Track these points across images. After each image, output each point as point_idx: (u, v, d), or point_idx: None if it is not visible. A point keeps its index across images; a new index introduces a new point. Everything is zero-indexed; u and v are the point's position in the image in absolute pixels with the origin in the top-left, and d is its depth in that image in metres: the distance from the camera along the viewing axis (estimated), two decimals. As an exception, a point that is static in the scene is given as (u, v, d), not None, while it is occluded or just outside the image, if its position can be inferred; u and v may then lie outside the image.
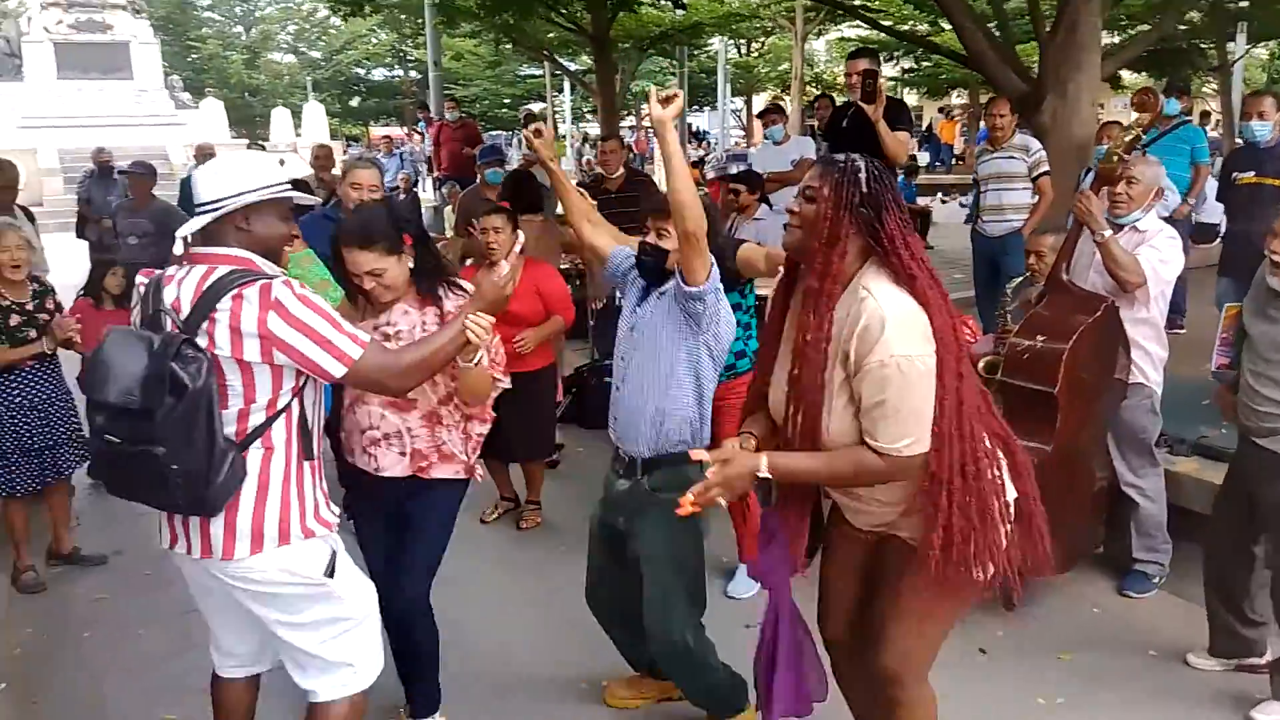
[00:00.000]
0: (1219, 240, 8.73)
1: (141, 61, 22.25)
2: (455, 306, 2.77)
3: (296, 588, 2.32)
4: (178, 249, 2.32)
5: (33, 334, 4.09)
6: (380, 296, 2.75)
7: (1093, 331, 3.54)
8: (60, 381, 4.28)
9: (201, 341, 2.14)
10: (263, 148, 16.15)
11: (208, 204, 2.24)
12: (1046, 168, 6.10)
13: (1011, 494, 2.20)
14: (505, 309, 2.51)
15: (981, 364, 4.11)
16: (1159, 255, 3.64)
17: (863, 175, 2.08)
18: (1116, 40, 15.19)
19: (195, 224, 2.25)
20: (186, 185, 8.74)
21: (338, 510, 2.44)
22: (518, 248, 2.67)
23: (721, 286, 2.71)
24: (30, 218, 6.50)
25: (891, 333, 2.00)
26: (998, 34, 7.02)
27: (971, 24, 6.55)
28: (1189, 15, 14.07)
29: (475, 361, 2.57)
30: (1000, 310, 4.42)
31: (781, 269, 2.41)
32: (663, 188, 3.15)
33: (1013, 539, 2.19)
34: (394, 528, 2.93)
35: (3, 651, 3.64)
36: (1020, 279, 4.48)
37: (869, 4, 13.96)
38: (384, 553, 2.95)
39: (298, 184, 4.07)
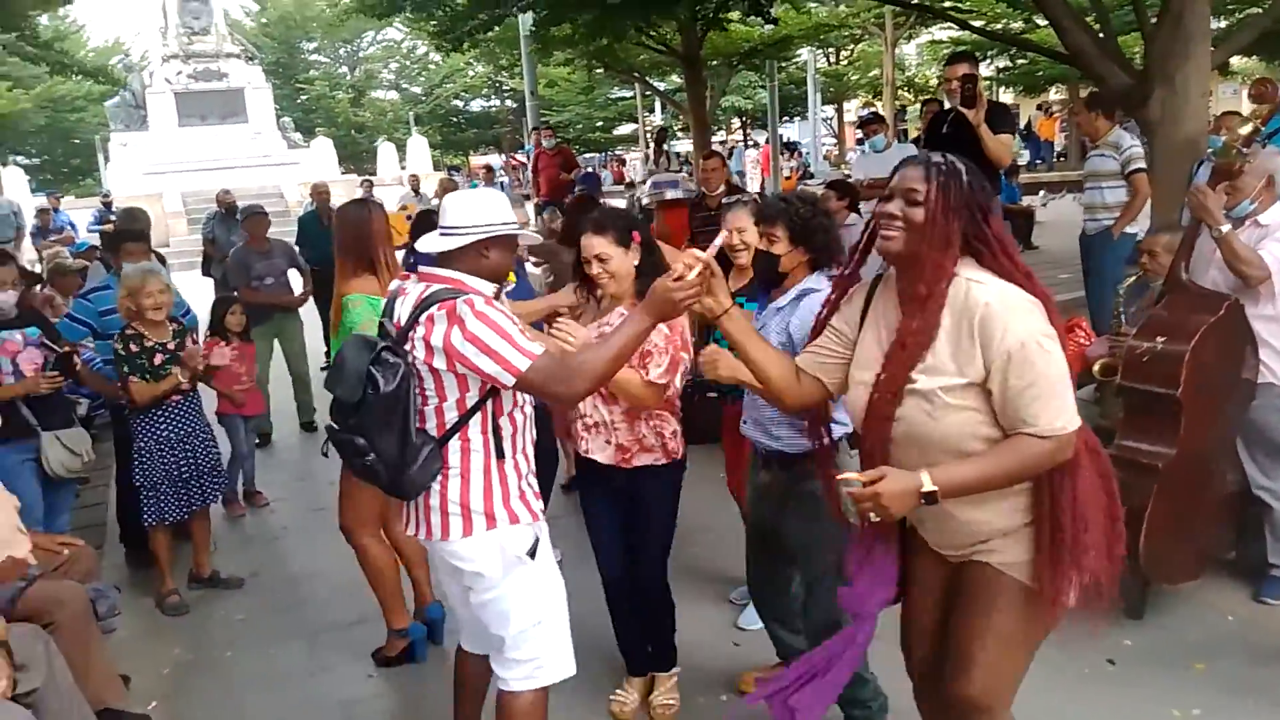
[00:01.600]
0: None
1: (255, 106, 23.43)
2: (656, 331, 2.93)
3: (498, 568, 2.53)
4: (427, 246, 2.58)
5: (176, 370, 4.37)
6: (605, 285, 3.01)
7: (1216, 331, 3.44)
8: (201, 415, 4.57)
9: (411, 349, 2.43)
10: (371, 182, 16.74)
11: (456, 228, 2.52)
12: (1140, 164, 5.98)
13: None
14: (677, 315, 2.41)
15: (1097, 366, 4.02)
16: (1284, 249, 3.52)
17: (965, 176, 2.04)
18: (1224, 25, 14.58)
19: (443, 244, 2.53)
20: (303, 223, 9.07)
21: (543, 506, 2.67)
22: (718, 240, 2.35)
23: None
24: (161, 260, 6.92)
25: (1019, 315, 1.96)
26: (1097, 28, 6.81)
27: (1070, 19, 6.37)
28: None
29: None
30: (1115, 311, 4.32)
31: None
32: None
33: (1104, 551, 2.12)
34: (624, 511, 3.19)
35: (153, 670, 3.86)
36: (1133, 279, 4.37)
37: (960, 4, 13.73)
38: (616, 534, 3.22)
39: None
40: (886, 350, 2.12)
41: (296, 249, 7.55)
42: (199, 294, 7.62)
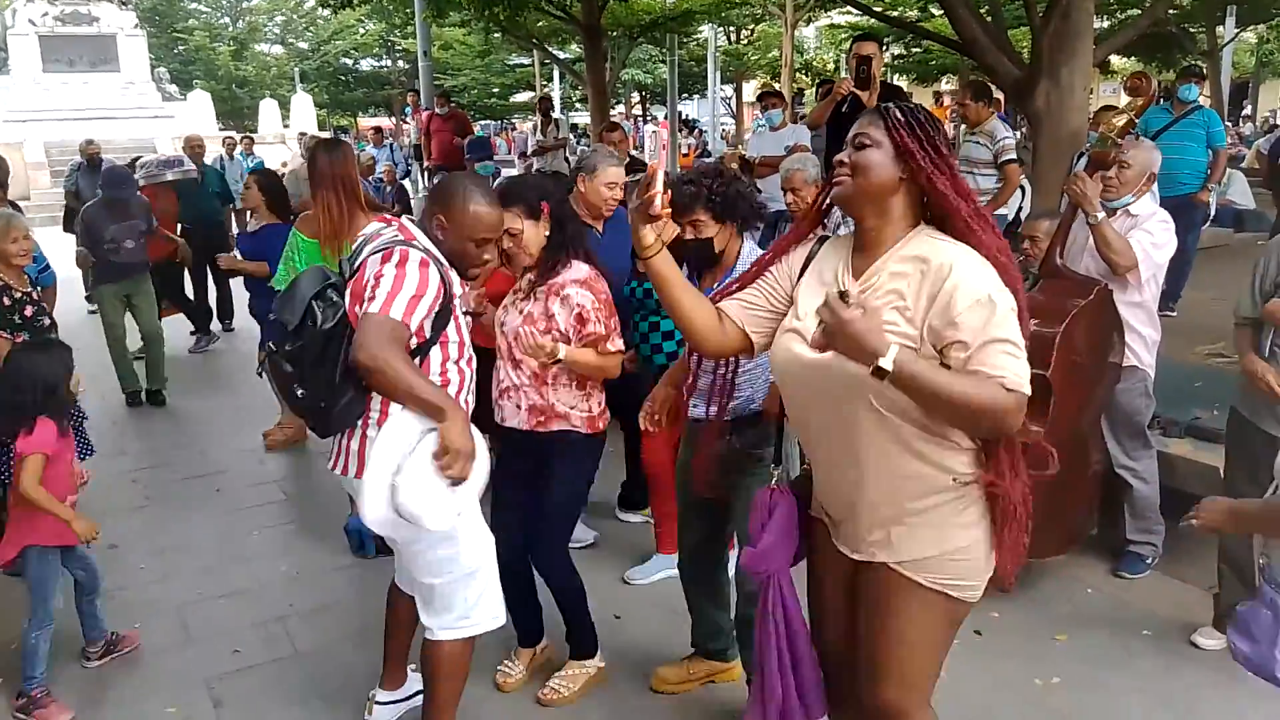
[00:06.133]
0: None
1: (128, 54, 22.09)
2: (579, 296, 2.97)
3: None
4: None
5: (47, 321, 4.16)
6: (516, 259, 2.99)
7: (1086, 315, 3.55)
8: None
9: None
10: (252, 139, 16.04)
11: None
12: (1013, 155, 6.14)
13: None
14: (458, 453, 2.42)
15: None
16: (1151, 239, 3.66)
17: (915, 114, 1.98)
18: (1106, 25, 15.24)
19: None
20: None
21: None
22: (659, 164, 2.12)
23: None
24: (18, 211, 6.46)
25: (976, 271, 1.90)
26: (990, 20, 7.00)
27: (965, 10, 6.54)
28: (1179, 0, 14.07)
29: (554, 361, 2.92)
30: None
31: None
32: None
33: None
34: (529, 484, 3.11)
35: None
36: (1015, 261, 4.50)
37: (859, -10, 13.93)
38: (520, 507, 3.13)
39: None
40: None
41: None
42: (60, 250, 7.18)
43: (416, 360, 2.51)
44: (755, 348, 2.21)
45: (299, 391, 2.47)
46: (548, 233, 2.99)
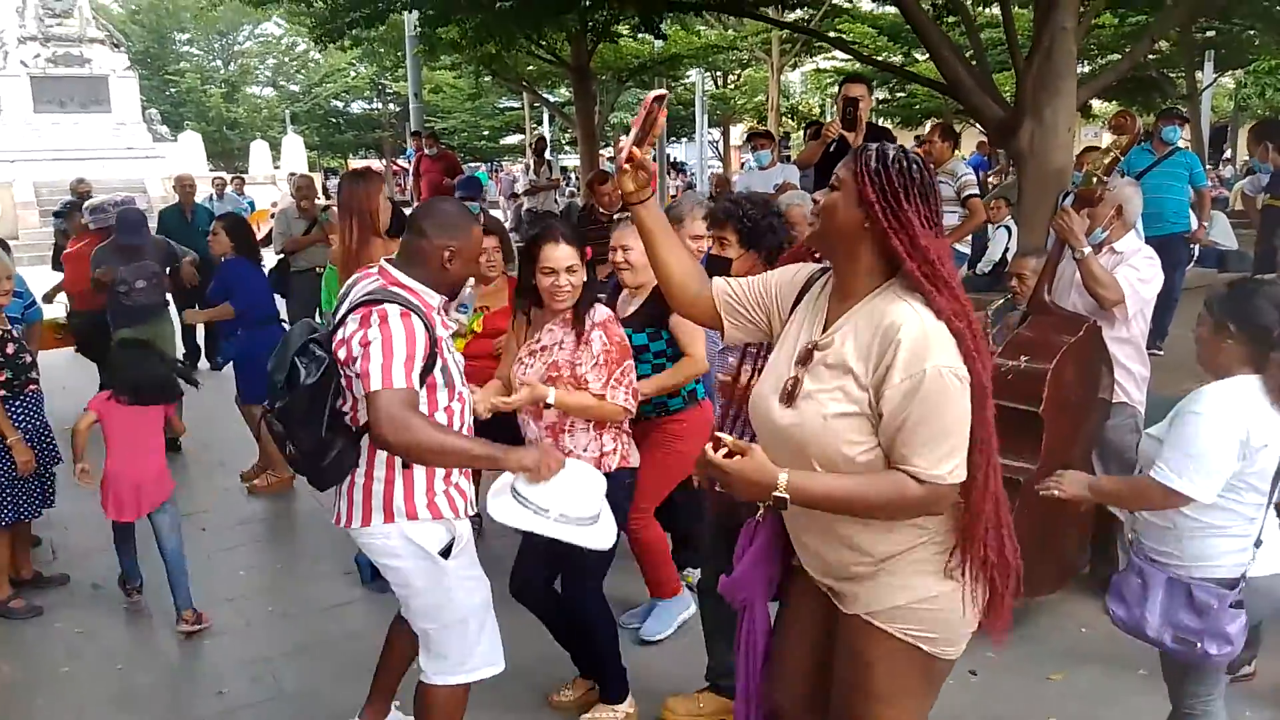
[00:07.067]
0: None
1: (120, 95, 22.24)
2: (601, 339, 2.95)
3: (407, 561, 2.54)
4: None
5: (28, 359, 4.14)
6: (563, 301, 2.95)
7: (1076, 351, 3.57)
8: (41, 414, 4.29)
9: (336, 345, 2.43)
10: (242, 180, 16.11)
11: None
12: (974, 190, 6.40)
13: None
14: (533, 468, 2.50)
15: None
16: (1138, 274, 3.70)
17: (887, 160, 1.86)
18: (1088, 70, 15.51)
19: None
20: (164, 217, 8.65)
21: (467, 503, 2.64)
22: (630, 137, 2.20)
23: None
24: (6, 249, 6.42)
25: (937, 344, 1.80)
26: (974, 63, 7.12)
27: (949, 50, 6.65)
28: (1159, 45, 14.34)
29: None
30: (983, 331, 4.46)
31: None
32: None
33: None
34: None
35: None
36: (1000, 301, 4.53)
37: (843, 35, 14.18)
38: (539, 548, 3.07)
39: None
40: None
41: (172, 245, 6.92)
42: (50, 288, 7.17)
43: None
44: (725, 332, 2.22)
45: (289, 449, 2.46)
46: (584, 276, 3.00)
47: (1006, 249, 9.04)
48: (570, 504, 2.49)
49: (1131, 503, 2.68)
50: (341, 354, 2.41)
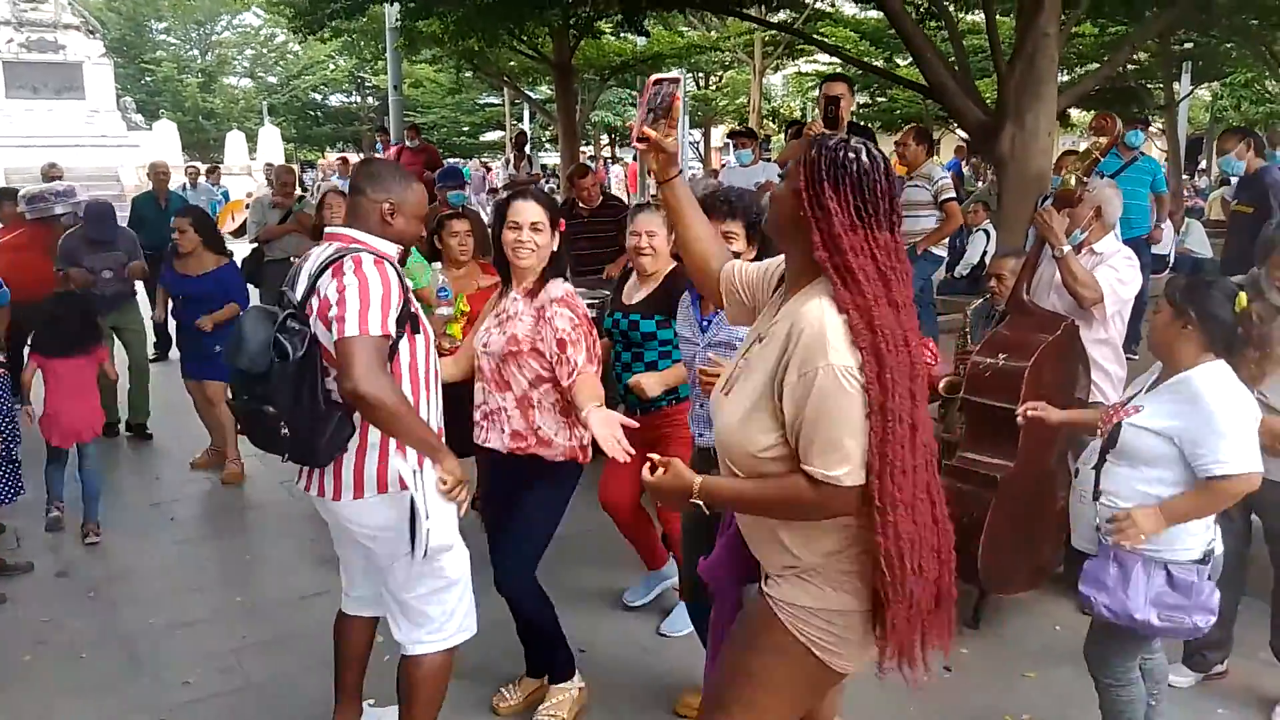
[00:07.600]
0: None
1: (94, 82, 21.95)
2: (568, 315, 2.92)
3: (392, 531, 2.51)
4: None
5: None
6: (524, 258, 2.94)
7: (1053, 350, 3.58)
8: (7, 398, 4.24)
9: (309, 315, 2.41)
10: (218, 169, 15.93)
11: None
12: (951, 194, 6.35)
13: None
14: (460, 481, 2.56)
15: (942, 384, 4.14)
16: (1116, 275, 3.72)
17: (824, 148, 1.80)
18: (1066, 78, 15.65)
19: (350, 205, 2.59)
20: (138, 204, 8.54)
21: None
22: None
23: None
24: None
25: (824, 338, 1.74)
26: (956, 68, 7.16)
27: (932, 53, 6.68)
28: (1137, 55, 14.51)
29: None
30: (962, 332, 4.47)
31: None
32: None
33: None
34: (505, 506, 3.06)
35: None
36: (980, 301, 4.54)
37: (826, 39, 14.23)
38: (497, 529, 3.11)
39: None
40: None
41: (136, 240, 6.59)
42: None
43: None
44: (726, 314, 2.27)
45: (284, 431, 2.40)
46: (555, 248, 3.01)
47: (985, 252, 9.10)
48: (442, 529, 2.50)
49: (1210, 510, 2.59)
50: (319, 321, 2.40)
